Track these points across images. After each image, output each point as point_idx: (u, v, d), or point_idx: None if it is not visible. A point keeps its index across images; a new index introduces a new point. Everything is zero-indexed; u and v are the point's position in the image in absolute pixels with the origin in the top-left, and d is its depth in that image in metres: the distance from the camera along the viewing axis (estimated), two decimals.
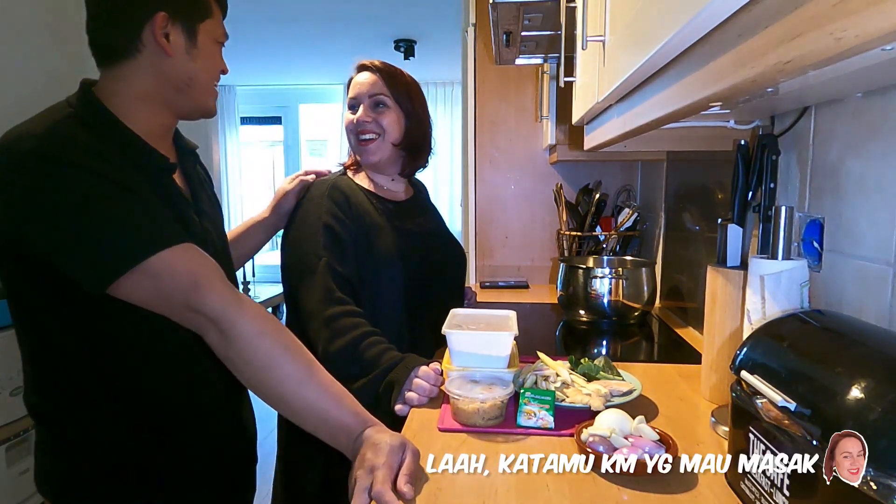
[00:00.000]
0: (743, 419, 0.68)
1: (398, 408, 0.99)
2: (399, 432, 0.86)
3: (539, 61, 1.92)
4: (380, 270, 1.21)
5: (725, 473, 0.74)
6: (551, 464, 0.76)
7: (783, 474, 0.59)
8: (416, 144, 1.33)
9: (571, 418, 0.91)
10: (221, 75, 0.96)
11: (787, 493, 0.58)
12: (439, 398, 1.00)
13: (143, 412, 0.88)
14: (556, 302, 1.71)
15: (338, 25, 4.22)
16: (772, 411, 0.62)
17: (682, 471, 0.73)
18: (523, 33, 1.56)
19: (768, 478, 0.62)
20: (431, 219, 1.45)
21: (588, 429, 0.82)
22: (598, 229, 2.06)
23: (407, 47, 4.57)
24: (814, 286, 0.86)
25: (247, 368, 0.82)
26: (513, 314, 1.13)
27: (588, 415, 0.89)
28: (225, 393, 0.97)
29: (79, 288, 0.78)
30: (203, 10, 0.90)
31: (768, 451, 0.62)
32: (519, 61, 1.89)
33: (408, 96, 1.29)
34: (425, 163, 1.39)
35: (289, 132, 6.56)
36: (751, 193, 0.94)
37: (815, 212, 0.89)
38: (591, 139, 1.30)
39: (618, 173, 2.26)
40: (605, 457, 0.74)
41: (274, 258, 1.43)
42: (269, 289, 5.02)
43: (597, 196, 2.05)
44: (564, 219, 2.10)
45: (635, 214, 2.00)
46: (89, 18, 0.86)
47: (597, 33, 0.91)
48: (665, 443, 0.78)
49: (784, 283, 0.79)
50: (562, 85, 1.29)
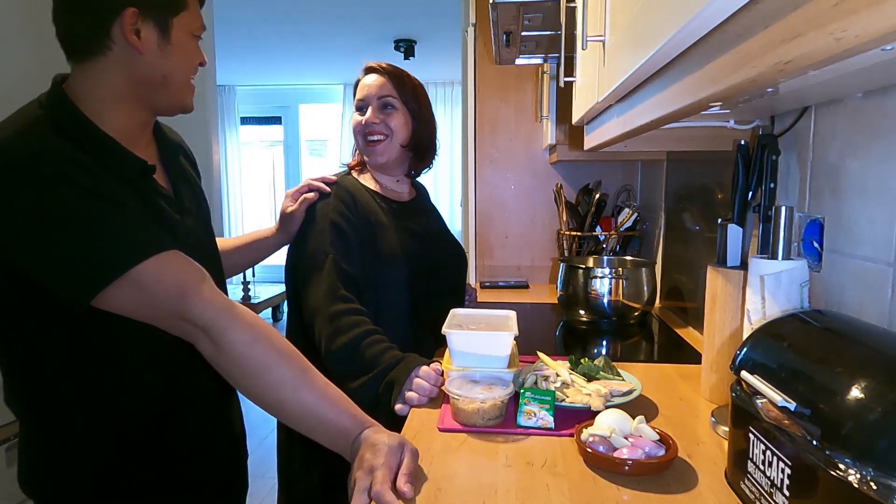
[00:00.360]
0: (743, 419, 0.68)
1: (398, 407, 0.99)
2: (399, 432, 0.86)
3: (539, 61, 1.92)
4: (384, 269, 1.22)
5: (725, 473, 0.74)
6: (552, 464, 0.76)
7: (783, 474, 0.59)
8: (423, 145, 1.34)
9: (571, 418, 0.91)
10: (200, 68, 0.91)
11: (787, 493, 0.58)
12: (439, 398, 1.00)
13: (126, 415, 0.87)
14: (556, 302, 1.71)
15: (338, 25, 4.22)
16: (772, 411, 0.62)
17: (681, 471, 0.73)
18: (523, 33, 1.56)
19: (768, 478, 0.62)
20: (433, 220, 1.46)
21: (588, 429, 0.83)
22: (598, 229, 2.06)
23: (407, 47, 4.57)
24: (814, 286, 0.86)
25: (240, 376, 0.81)
26: (513, 314, 1.13)
27: (588, 415, 0.89)
28: (211, 394, 0.96)
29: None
30: (177, 4, 0.85)
31: (768, 451, 0.62)
32: (519, 61, 1.89)
33: (415, 98, 1.30)
34: (430, 164, 1.40)
35: (289, 132, 6.56)
36: (751, 193, 0.94)
37: (815, 212, 0.89)
38: (591, 139, 1.30)
39: (618, 173, 2.26)
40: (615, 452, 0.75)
41: (274, 258, 1.43)
42: (269, 289, 5.04)
43: (597, 196, 2.05)
44: (564, 219, 2.10)
45: (635, 214, 2.00)
46: (55, 12, 0.82)
47: (597, 33, 0.92)
48: (665, 443, 0.78)
49: (784, 283, 0.80)
50: (562, 85, 1.29)
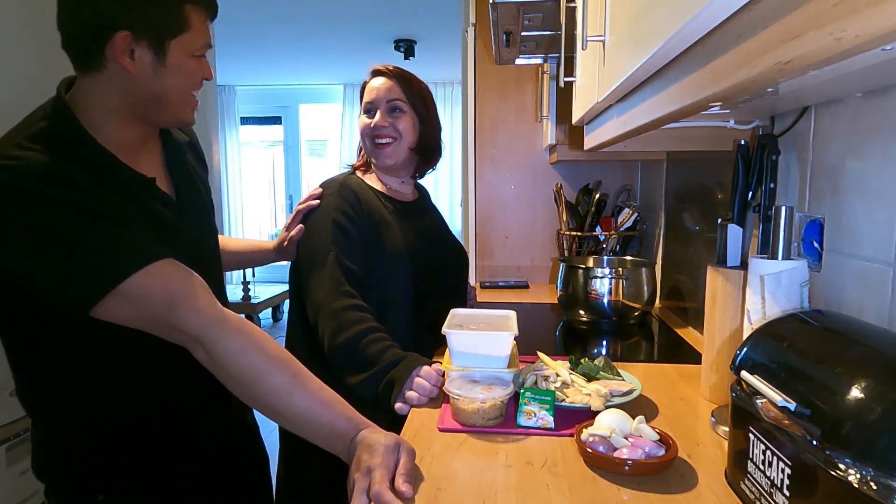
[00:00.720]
0: (743, 419, 0.68)
1: (398, 406, 0.99)
2: (399, 432, 0.86)
3: (539, 61, 1.92)
4: (389, 267, 1.23)
5: (725, 473, 0.74)
6: (552, 464, 0.76)
7: (783, 474, 0.59)
8: (430, 148, 1.36)
9: (571, 418, 0.91)
10: (205, 82, 0.92)
11: (787, 493, 0.58)
12: (439, 398, 1.00)
13: (126, 415, 0.89)
14: (556, 302, 1.71)
15: (338, 25, 4.22)
16: (772, 411, 0.62)
17: (681, 471, 0.73)
18: (523, 33, 1.56)
19: (768, 478, 0.62)
20: (436, 220, 1.47)
21: (588, 429, 0.83)
22: (598, 229, 2.06)
23: (407, 47, 4.57)
24: (814, 286, 0.86)
25: (234, 383, 0.83)
26: (513, 314, 1.13)
27: (588, 415, 0.89)
28: (216, 394, 0.97)
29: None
30: (176, 26, 0.84)
31: (768, 451, 0.62)
32: (519, 61, 1.88)
33: (423, 101, 1.32)
34: (434, 165, 1.41)
35: (289, 132, 6.57)
36: (751, 193, 0.94)
37: (815, 212, 0.89)
38: (591, 139, 1.30)
39: (618, 173, 2.26)
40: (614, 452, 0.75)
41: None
42: (269, 289, 5.05)
43: (597, 196, 2.05)
44: (564, 219, 2.10)
45: (635, 214, 2.00)
46: (58, 26, 0.84)
47: (597, 33, 0.92)
48: (665, 443, 0.78)
49: (784, 283, 0.79)
50: (562, 85, 1.29)
